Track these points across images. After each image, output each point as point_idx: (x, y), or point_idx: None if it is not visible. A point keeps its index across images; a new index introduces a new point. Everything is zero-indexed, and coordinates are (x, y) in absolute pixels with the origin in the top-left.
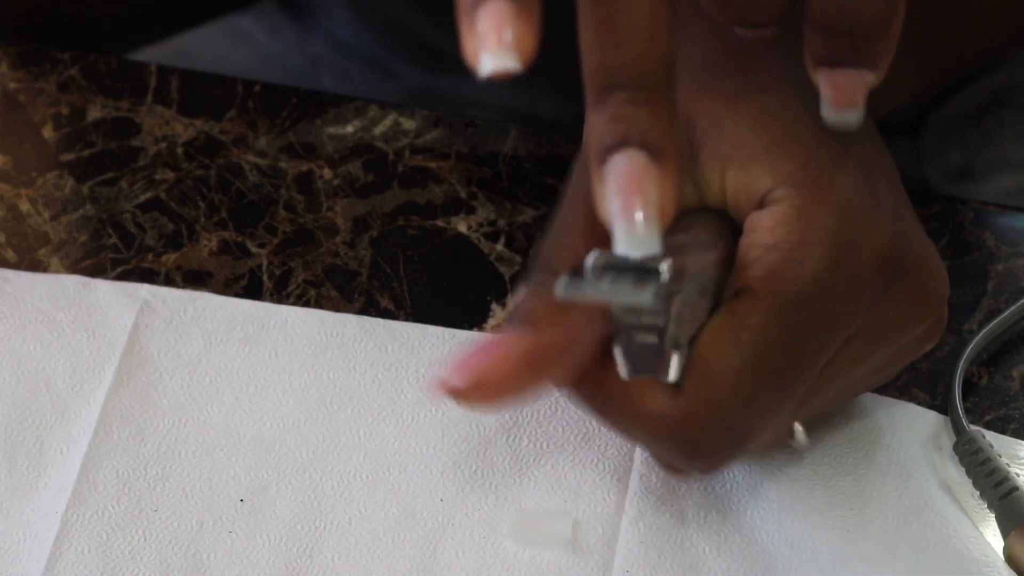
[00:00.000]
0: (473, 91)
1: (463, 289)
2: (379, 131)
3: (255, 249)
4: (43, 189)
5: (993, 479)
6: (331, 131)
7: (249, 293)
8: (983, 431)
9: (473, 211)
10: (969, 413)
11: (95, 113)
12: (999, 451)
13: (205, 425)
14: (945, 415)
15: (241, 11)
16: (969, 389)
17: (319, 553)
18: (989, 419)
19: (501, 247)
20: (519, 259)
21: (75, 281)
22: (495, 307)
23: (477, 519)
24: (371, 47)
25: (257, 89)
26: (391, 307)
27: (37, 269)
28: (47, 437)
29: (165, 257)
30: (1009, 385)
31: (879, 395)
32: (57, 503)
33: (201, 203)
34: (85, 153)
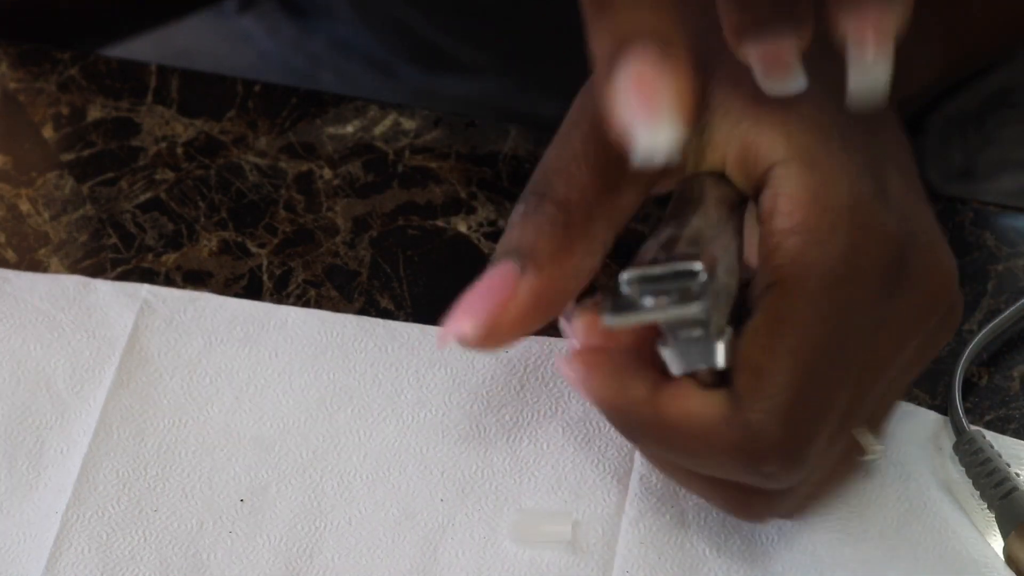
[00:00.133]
0: (473, 91)
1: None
2: (379, 131)
3: (255, 249)
4: (43, 189)
5: (993, 479)
6: (331, 131)
7: (249, 293)
8: (983, 431)
9: (473, 211)
10: (969, 413)
11: (95, 113)
12: (999, 451)
13: (205, 425)
14: (945, 415)
15: (209, 8)
16: (969, 389)
17: (319, 553)
18: (989, 419)
19: None
20: None
21: (75, 281)
22: None
23: (477, 519)
24: (372, 47)
25: (257, 89)
26: (391, 307)
27: (37, 269)
28: (47, 437)
29: (165, 257)
30: (1009, 385)
31: None
32: (57, 503)
33: (201, 203)
34: (85, 153)
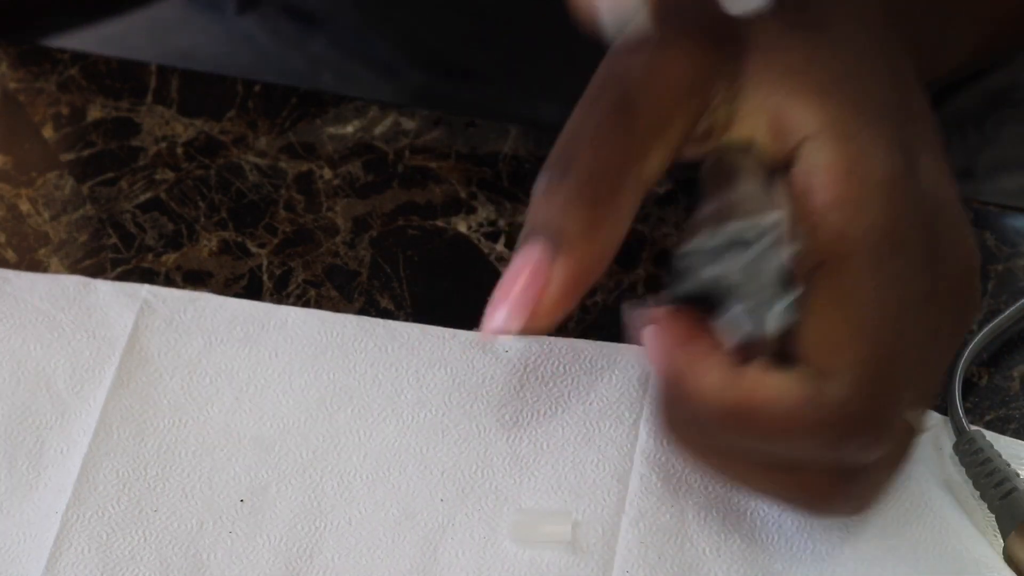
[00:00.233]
0: (474, 93)
1: (463, 289)
2: (379, 131)
3: (255, 249)
4: (43, 189)
5: (993, 479)
6: (331, 131)
7: (249, 293)
8: (983, 431)
9: (473, 211)
10: (969, 413)
11: (95, 113)
12: (999, 451)
13: (205, 425)
14: (945, 415)
15: (207, 8)
16: (969, 389)
17: (319, 553)
18: (989, 419)
19: (501, 247)
20: None
21: (75, 281)
22: None
23: (477, 519)
24: (372, 48)
25: (257, 89)
26: (391, 307)
27: (37, 269)
28: (47, 437)
29: (165, 257)
30: (1009, 385)
31: None
32: (57, 503)
33: (201, 203)
34: (85, 153)
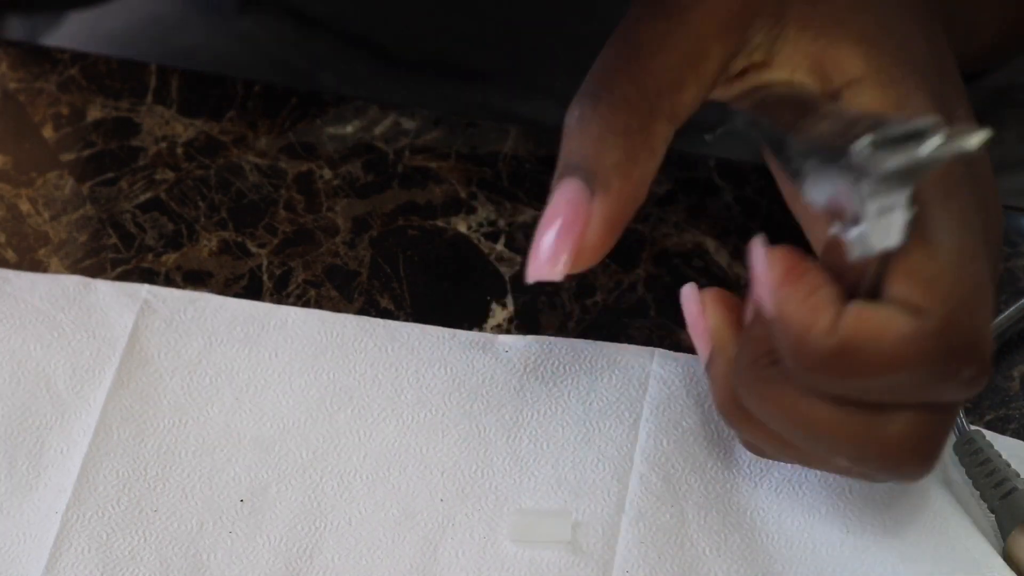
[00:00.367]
0: (475, 94)
1: (463, 289)
2: (379, 131)
3: (255, 249)
4: (43, 189)
5: (993, 479)
6: (331, 131)
7: (249, 293)
8: (983, 431)
9: (473, 211)
10: (969, 413)
11: (95, 113)
12: (999, 451)
13: (205, 425)
14: None
15: (209, 7)
16: None
17: (319, 553)
18: (989, 419)
19: (501, 247)
20: (519, 259)
21: (75, 281)
22: (495, 307)
23: (477, 519)
24: (372, 48)
25: (257, 89)
26: (391, 307)
27: (37, 269)
28: (47, 437)
29: (165, 257)
30: (1009, 385)
31: None
32: (57, 503)
33: (201, 203)
34: (85, 153)
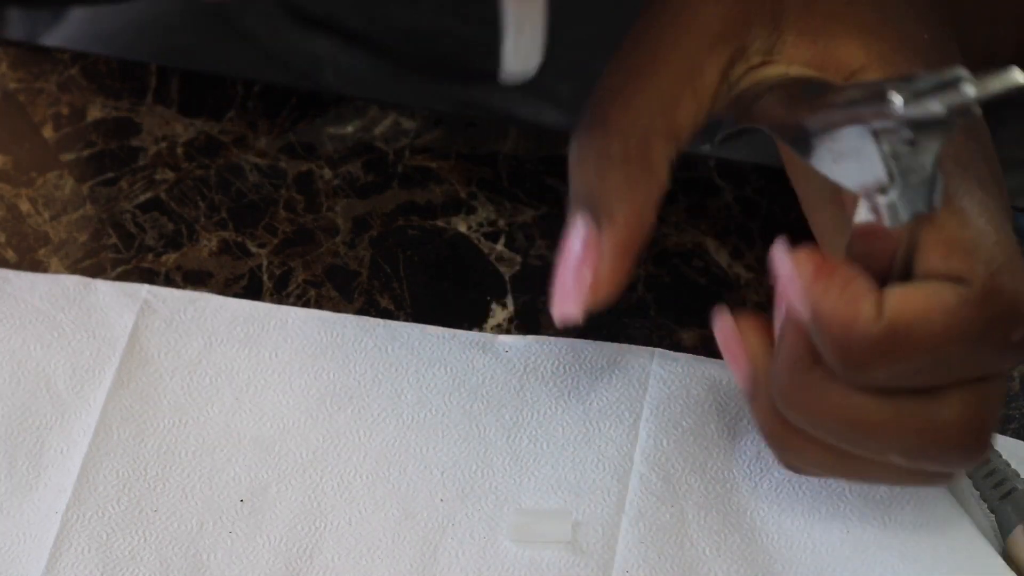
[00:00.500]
0: (475, 95)
1: (463, 289)
2: (379, 131)
3: (255, 249)
4: (43, 189)
5: (993, 479)
6: (331, 131)
7: (249, 293)
8: None
9: (473, 211)
10: None
11: (95, 113)
12: (999, 451)
13: (205, 425)
14: None
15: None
16: None
17: (319, 553)
18: None
19: (501, 247)
20: (519, 259)
21: (75, 281)
22: (495, 307)
23: (477, 519)
24: (372, 48)
25: (257, 89)
26: (391, 307)
27: (37, 269)
28: (47, 437)
29: (165, 257)
30: (1009, 385)
31: None
32: (57, 503)
33: (201, 203)
34: (85, 153)
